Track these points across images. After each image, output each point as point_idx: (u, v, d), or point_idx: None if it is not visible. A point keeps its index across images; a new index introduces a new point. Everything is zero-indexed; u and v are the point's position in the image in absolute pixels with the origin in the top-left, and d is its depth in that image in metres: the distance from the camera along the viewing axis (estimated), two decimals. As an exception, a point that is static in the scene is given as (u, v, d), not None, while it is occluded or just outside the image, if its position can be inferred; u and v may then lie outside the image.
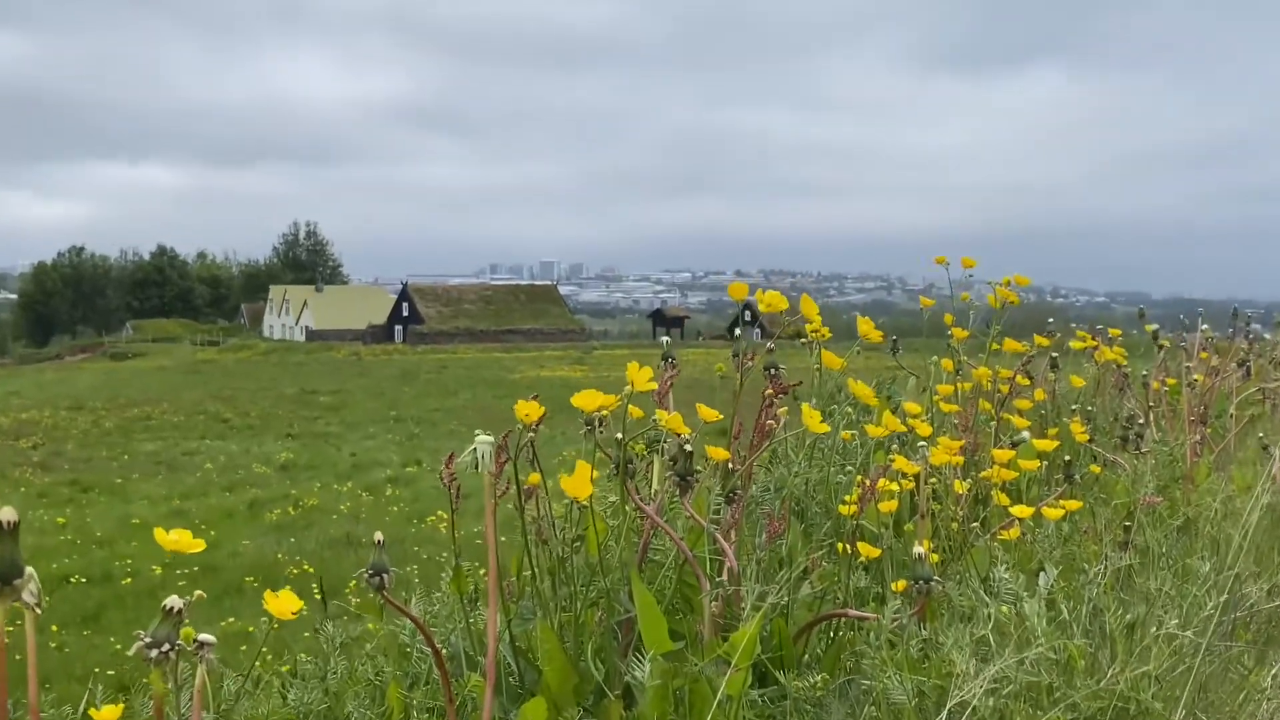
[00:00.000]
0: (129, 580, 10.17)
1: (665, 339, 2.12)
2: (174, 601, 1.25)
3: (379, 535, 1.66)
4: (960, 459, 2.06)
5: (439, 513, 12.42)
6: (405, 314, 78.54)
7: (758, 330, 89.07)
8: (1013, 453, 2.04)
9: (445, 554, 10.62)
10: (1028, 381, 2.81)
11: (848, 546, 1.77)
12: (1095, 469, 2.77)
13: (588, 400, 1.71)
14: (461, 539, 2.21)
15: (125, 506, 13.68)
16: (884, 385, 3.09)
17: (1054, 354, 3.08)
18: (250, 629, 8.52)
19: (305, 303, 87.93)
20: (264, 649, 1.85)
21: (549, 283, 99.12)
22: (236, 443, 20.55)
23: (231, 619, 8.62)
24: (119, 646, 8.09)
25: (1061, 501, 1.91)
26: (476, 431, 1.81)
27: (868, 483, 1.80)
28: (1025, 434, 2.30)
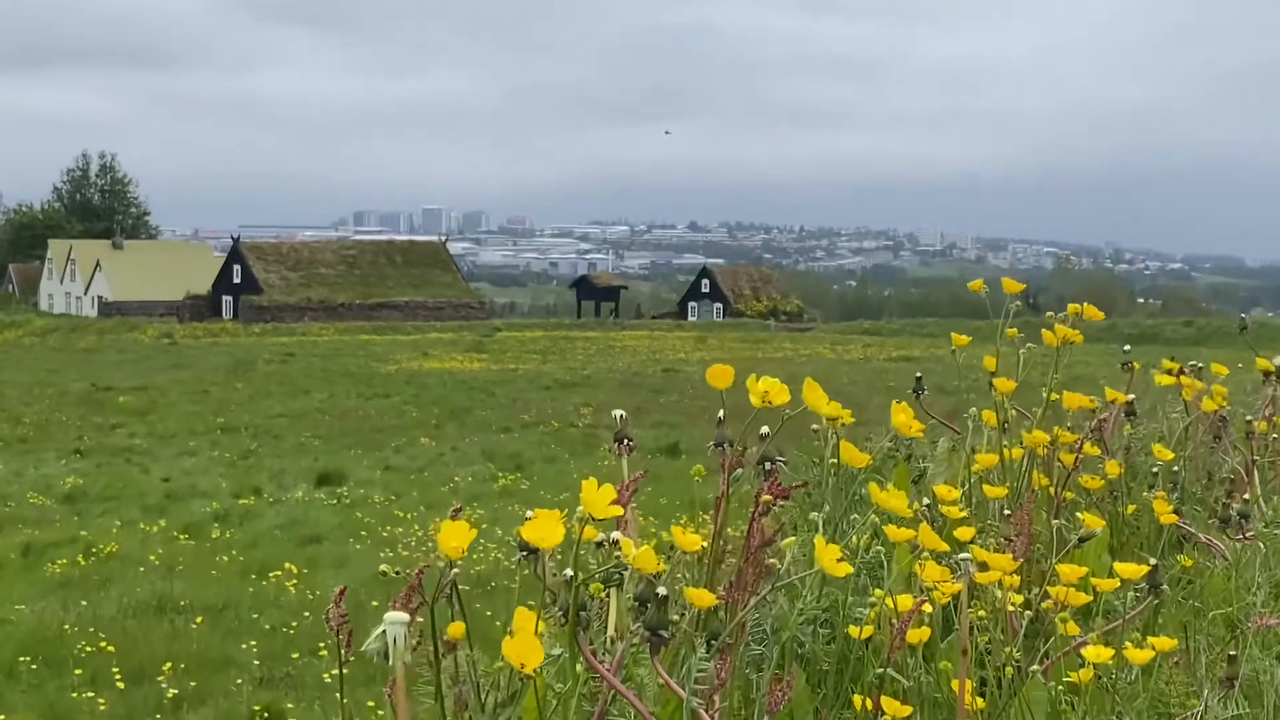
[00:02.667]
0: None
1: (618, 413, 2.11)
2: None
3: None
4: (1015, 579, 2.08)
5: (287, 565, 12.36)
6: (237, 280, 77.82)
7: (719, 306, 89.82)
8: (1083, 570, 2.06)
9: (294, 624, 10.56)
10: (1097, 451, 2.86)
11: (868, 700, 1.78)
12: (1186, 561, 2.82)
13: (541, 530, 1.70)
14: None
15: None
16: (902, 445, 3.11)
17: (1129, 395, 3.12)
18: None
19: (98, 264, 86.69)
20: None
21: (435, 238, 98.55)
22: (2, 461, 20.25)
23: (-2, 718, 8.50)
24: None
25: (1150, 639, 1.93)
26: (388, 614, 1.80)
27: (895, 619, 1.81)
28: (1097, 532, 2.33)
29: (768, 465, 1.85)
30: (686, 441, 21.91)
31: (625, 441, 2.12)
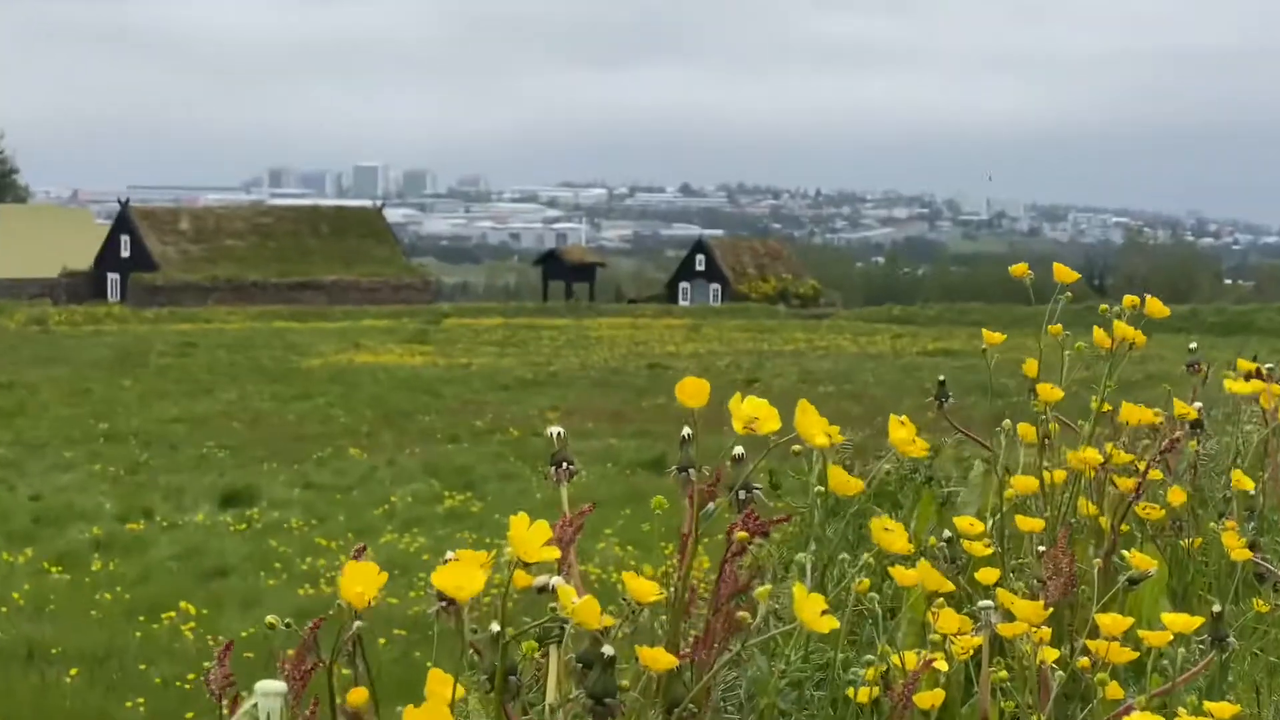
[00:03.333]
0: None
1: (555, 430, 2.12)
2: None
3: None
4: (1045, 631, 2.10)
5: (184, 604, 12.38)
6: (125, 254, 77.68)
7: (717, 287, 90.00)
8: (1127, 621, 2.08)
9: (192, 677, 10.57)
10: (1159, 475, 2.89)
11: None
12: (1261, 606, 2.84)
13: (459, 576, 1.72)
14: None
15: None
16: (921, 467, 3.14)
17: (1197, 406, 3.14)
18: None
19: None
20: None
21: (369, 203, 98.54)
22: None
23: None
24: None
25: (1208, 705, 1.94)
26: (260, 683, 1.81)
27: (900, 681, 1.83)
28: (1150, 573, 2.35)
29: (742, 495, 1.87)
30: (675, 454, 21.86)
31: (564, 466, 2.14)
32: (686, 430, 1.95)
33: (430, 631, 9.24)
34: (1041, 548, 2.54)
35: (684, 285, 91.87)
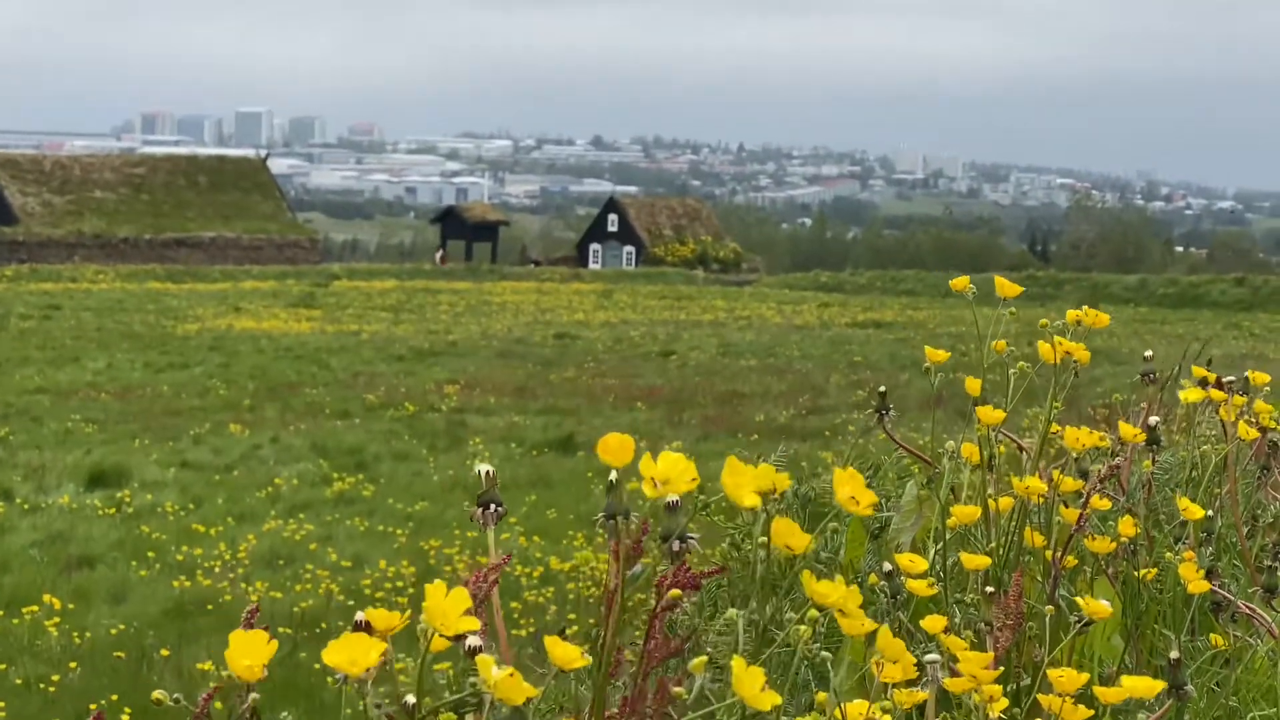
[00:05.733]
0: None
1: (483, 469, 2.11)
2: None
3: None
4: (995, 688, 2.12)
5: (47, 598, 12.28)
6: (-17, 206, 76.73)
7: (630, 250, 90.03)
8: (1083, 677, 2.11)
9: (56, 679, 10.50)
10: (1107, 505, 2.92)
11: None
12: (1219, 641, 2.89)
13: (353, 651, 1.70)
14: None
15: None
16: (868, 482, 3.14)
17: (1154, 421, 3.17)
18: None
19: None
20: None
21: (252, 153, 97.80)
22: None
23: None
24: None
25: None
26: None
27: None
28: (1104, 612, 2.38)
29: (675, 544, 1.86)
30: (586, 433, 22.02)
31: (493, 508, 2.12)
32: (613, 474, 1.94)
33: (319, 629, 9.18)
34: (989, 589, 2.56)
35: (595, 247, 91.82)
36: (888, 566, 2.45)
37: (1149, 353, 3.48)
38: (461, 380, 28.53)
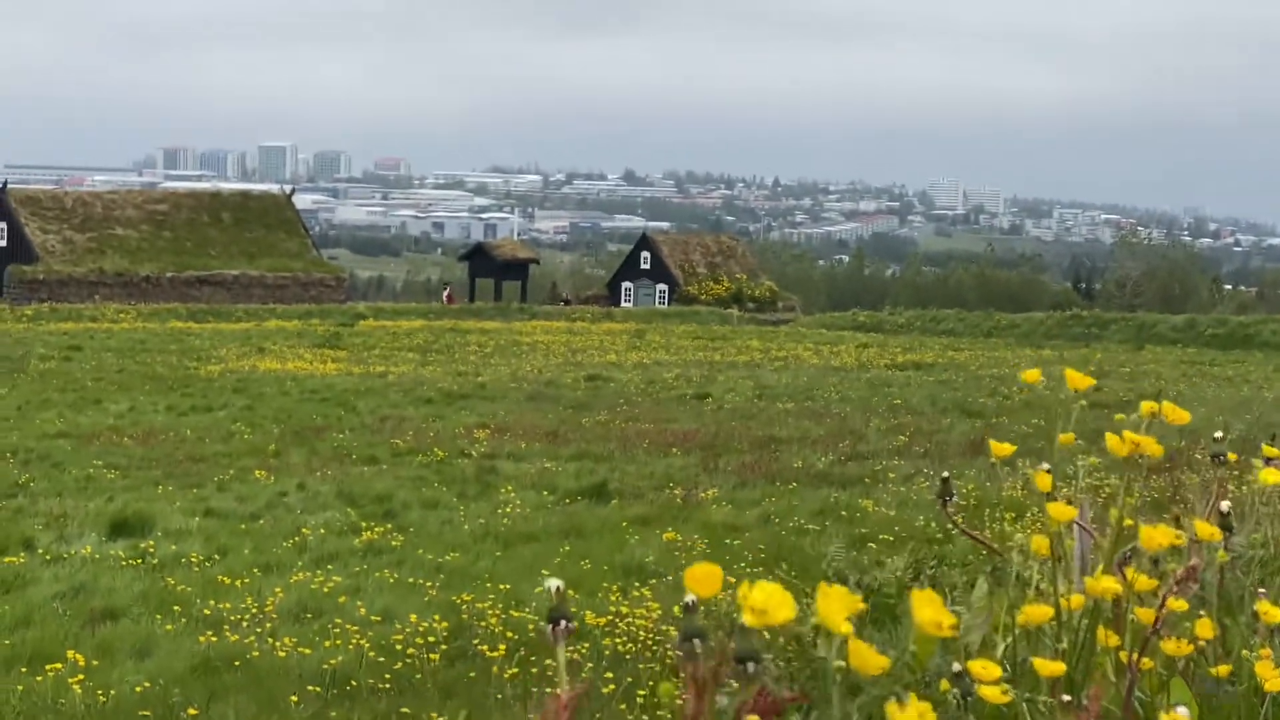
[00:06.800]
0: None
1: (553, 585, 2.11)
2: None
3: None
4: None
5: (71, 654, 12.27)
6: (2, 243, 77.14)
7: (663, 288, 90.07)
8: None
9: (81, 739, 10.49)
10: (1184, 606, 2.91)
11: None
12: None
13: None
14: None
15: None
16: (925, 571, 3.14)
17: (1224, 504, 3.16)
18: None
19: None
20: None
21: (276, 188, 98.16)
22: None
23: None
24: None
25: None
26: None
27: None
28: (1184, 710, 2.36)
29: (749, 668, 1.86)
30: (619, 479, 22.00)
31: (563, 624, 2.12)
32: (690, 596, 1.93)
33: (348, 687, 9.20)
34: (1066, 698, 2.55)
35: (627, 285, 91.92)
36: (957, 667, 2.45)
37: (1219, 434, 3.47)
38: (491, 424, 28.54)
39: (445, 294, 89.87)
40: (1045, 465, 2.89)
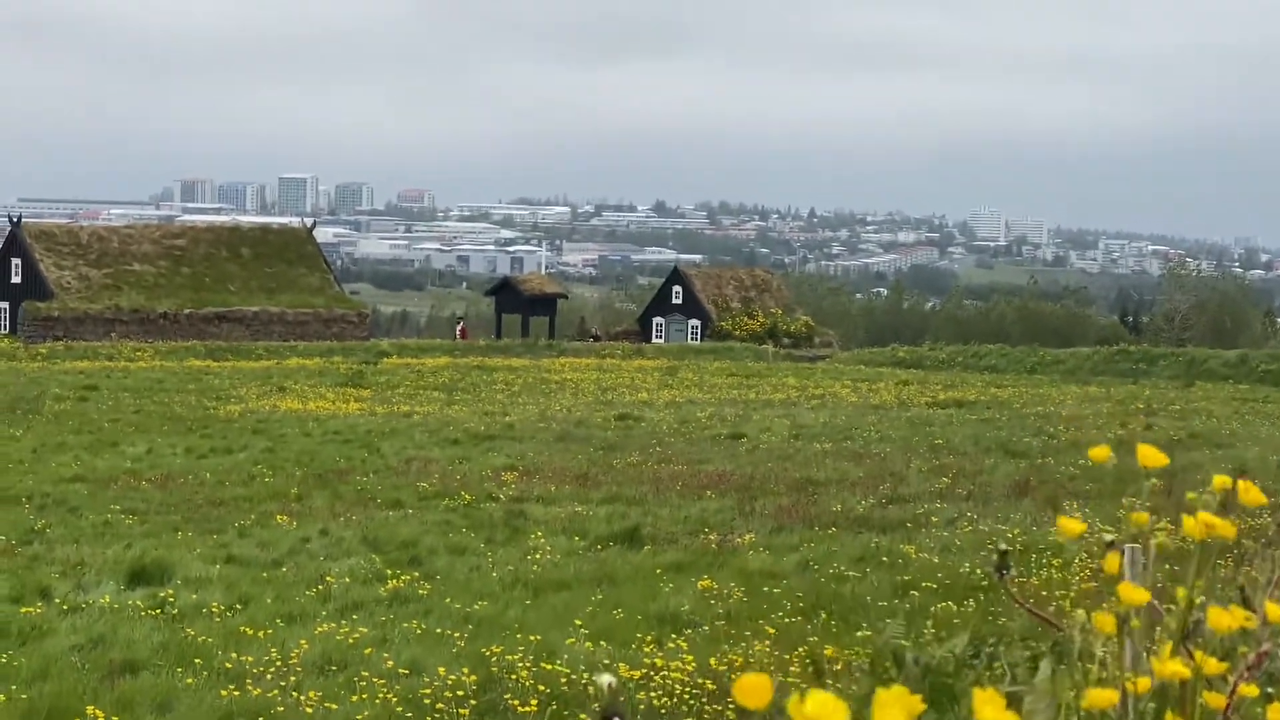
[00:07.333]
0: None
1: (605, 681, 2.10)
2: None
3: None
4: None
5: (90, 709, 12.29)
6: (16, 279, 77.52)
7: (696, 323, 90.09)
8: None
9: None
10: (1255, 692, 2.88)
11: None
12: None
13: None
14: None
15: None
16: (984, 652, 3.12)
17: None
18: None
19: None
20: None
21: (297, 221, 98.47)
22: None
23: None
24: None
25: None
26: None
27: None
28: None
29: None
30: (652, 524, 21.97)
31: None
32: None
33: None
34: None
35: (658, 320, 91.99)
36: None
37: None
38: (520, 466, 28.54)
39: (459, 328, 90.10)
40: (1110, 535, 2.87)
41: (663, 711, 12.34)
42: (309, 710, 12.26)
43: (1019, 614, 12.46)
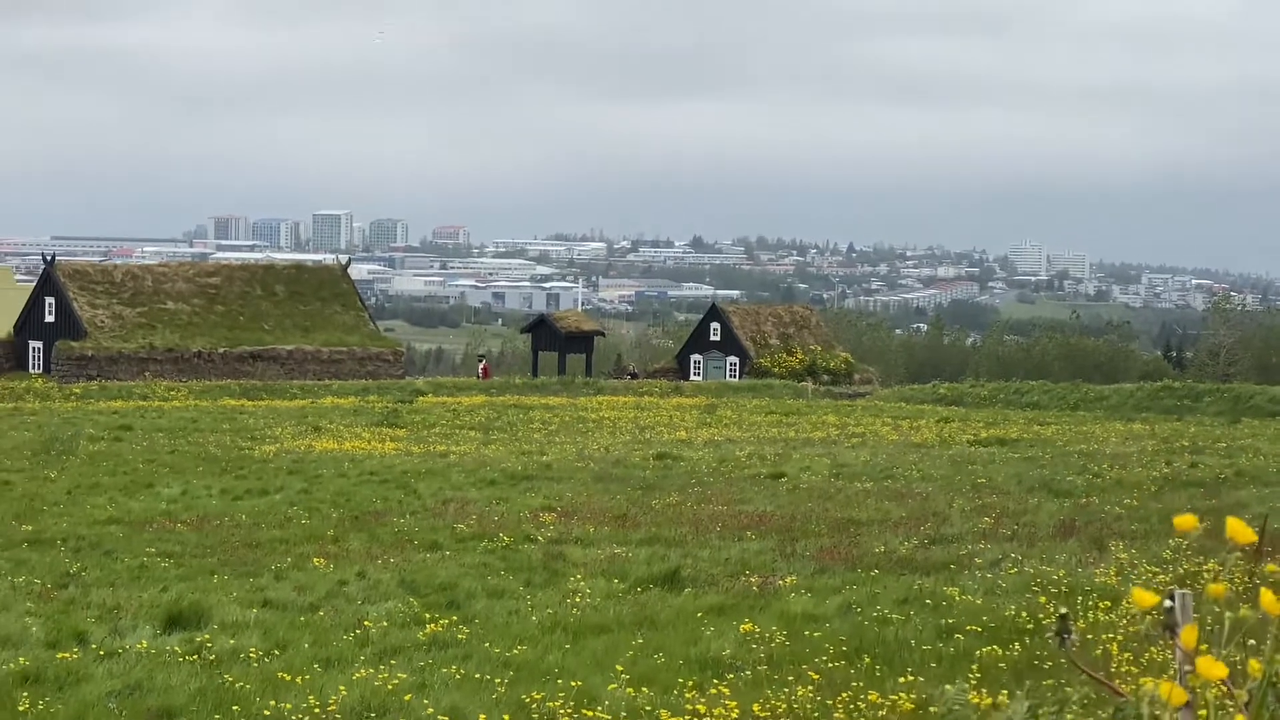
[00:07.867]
0: None
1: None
2: None
3: None
4: None
5: (127, 757, 12.28)
6: (50, 318, 77.81)
7: (734, 361, 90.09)
8: None
9: None
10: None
11: None
12: None
13: None
14: None
15: None
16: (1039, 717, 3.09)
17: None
18: None
19: None
20: None
21: (332, 259, 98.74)
22: None
23: None
24: None
25: None
26: None
27: None
28: None
29: None
30: (692, 565, 21.90)
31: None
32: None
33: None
34: None
35: (696, 358, 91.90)
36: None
37: None
38: (558, 507, 28.50)
39: (481, 366, 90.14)
40: (1191, 616, 2.85)
41: (706, 760, 12.28)
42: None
43: (1068, 662, 12.38)
